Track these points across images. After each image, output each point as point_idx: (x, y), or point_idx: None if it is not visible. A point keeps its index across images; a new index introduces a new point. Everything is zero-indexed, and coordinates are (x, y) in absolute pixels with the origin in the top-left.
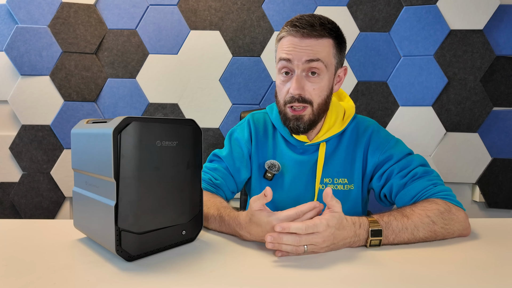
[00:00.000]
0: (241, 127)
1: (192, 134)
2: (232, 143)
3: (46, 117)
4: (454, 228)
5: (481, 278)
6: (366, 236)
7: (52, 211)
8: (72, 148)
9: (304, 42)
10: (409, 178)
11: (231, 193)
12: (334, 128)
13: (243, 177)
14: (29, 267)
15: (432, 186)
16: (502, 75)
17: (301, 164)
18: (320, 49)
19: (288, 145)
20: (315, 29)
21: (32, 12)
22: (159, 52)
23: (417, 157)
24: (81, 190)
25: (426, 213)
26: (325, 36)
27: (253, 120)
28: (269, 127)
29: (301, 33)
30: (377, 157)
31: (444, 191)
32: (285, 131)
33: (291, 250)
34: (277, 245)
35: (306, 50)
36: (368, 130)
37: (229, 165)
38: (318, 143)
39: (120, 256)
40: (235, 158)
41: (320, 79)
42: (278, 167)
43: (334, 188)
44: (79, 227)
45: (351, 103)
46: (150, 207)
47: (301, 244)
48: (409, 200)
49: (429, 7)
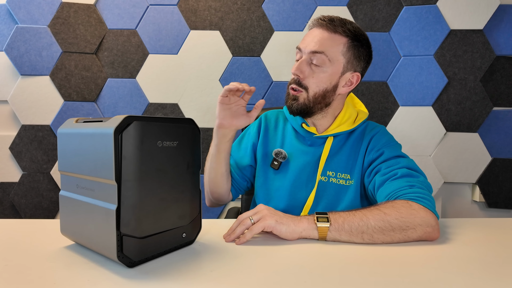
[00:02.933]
0: (253, 123)
1: (192, 134)
2: (243, 135)
3: (46, 117)
4: (414, 222)
5: (481, 278)
6: (312, 218)
7: (52, 211)
8: (59, 148)
9: (317, 32)
10: (389, 176)
11: (235, 189)
12: (344, 126)
13: (246, 163)
14: (29, 267)
15: (407, 187)
16: (502, 75)
17: (307, 154)
18: (329, 43)
19: (298, 136)
20: (332, 24)
21: (32, 12)
22: (159, 52)
23: (406, 160)
24: (70, 194)
25: (377, 206)
26: (339, 33)
27: (265, 116)
28: (281, 120)
29: (320, 24)
30: (372, 154)
31: (418, 193)
32: (296, 122)
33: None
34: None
35: (313, 42)
36: (374, 130)
37: (235, 155)
38: (326, 136)
39: (121, 262)
40: (241, 147)
41: (322, 70)
42: (285, 155)
43: (336, 182)
44: (68, 234)
45: (364, 110)
46: (152, 210)
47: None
48: (383, 198)
49: (429, 7)
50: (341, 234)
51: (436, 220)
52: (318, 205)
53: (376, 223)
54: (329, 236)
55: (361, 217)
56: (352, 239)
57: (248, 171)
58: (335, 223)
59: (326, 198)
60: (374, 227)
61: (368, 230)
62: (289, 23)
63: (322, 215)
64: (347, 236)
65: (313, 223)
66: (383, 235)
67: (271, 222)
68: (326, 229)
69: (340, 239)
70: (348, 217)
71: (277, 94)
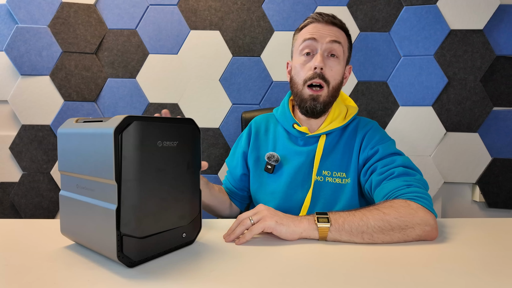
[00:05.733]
0: (244, 131)
1: (192, 134)
2: (236, 145)
3: (46, 117)
4: (413, 221)
5: (481, 278)
6: (312, 218)
7: (52, 211)
8: (59, 148)
9: (328, 27)
10: (385, 176)
11: (238, 201)
12: (335, 122)
13: (239, 173)
14: (29, 267)
15: (404, 187)
16: (502, 75)
17: (301, 155)
18: (340, 36)
19: (290, 137)
20: (336, 20)
21: (32, 12)
22: (159, 52)
23: (401, 158)
24: (70, 194)
25: (376, 206)
26: (343, 29)
27: (255, 122)
28: (271, 124)
29: (326, 19)
30: (366, 152)
31: (416, 193)
32: (287, 123)
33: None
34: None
35: (330, 33)
36: (367, 127)
37: (230, 167)
38: (319, 135)
39: (121, 262)
40: (234, 159)
41: (338, 62)
42: (277, 158)
43: (332, 181)
44: (68, 234)
45: (353, 104)
46: (152, 210)
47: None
48: (381, 198)
49: (429, 7)
50: (342, 234)
51: (434, 219)
52: (315, 206)
53: (376, 223)
54: (329, 236)
55: (361, 217)
56: (352, 239)
57: (244, 180)
58: (335, 224)
59: (323, 198)
60: (374, 227)
61: (368, 230)
62: (289, 23)
63: (322, 215)
64: (347, 236)
65: (313, 223)
66: (383, 234)
67: (271, 223)
68: (326, 229)
69: (341, 239)
70: (348, 217)
71: (277, 94)
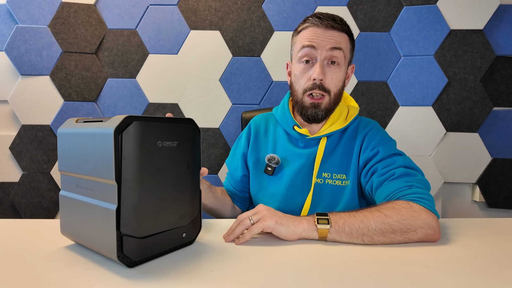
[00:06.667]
0: (243, 131)
1: (192, 134)
2: (235, 146)
3: (46, 117)
4: (415, 224)
5: (481, 278)
6: (312, 219)
7: (52, 211)
8: (59, 148)
9: (328, 33)
10: (387, 177)
11: (240, 203)
12: (336, 124)
13: (239, 174)
14: (29, 267)
15: (406, 188)
16: (502, 75)
17: (301, 157)
18: (341, 40)
19: (290, 139)
20: (337, 23)
21: (32, 12)
22: (159, 52)
23: (402, 159)
24: (70, 194)
25: (378, 207)
26: (344, 31)
27: (254, 122)
28: (271, 124)
29: (325, 24)
30: (367, 153)
31: (417, 194)
32: (287, 125)
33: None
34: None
35: (330, 39)
36: (367, 127)
37: (230, 169)
38: (320, 137)
39: (121, 262)
40: (234, 160)
41: (339, 69)
42: (278, 160)
43: (332, 183)
44: (68, 234)
45: (355, 104)
46: (152, 210)
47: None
48: (382, 200)
49: (429, 7)
50: (341, 236)
51: (437, 222)
52: (316, 208)
53: (377, 225)
54: (329, 237)
55: (361, 219)
56: (352, 240)
57: (245, 181)
58: (335, 225)
59: (324, 200)
60: (375, 229)
61: (368, 232)
62: (289, 23)
63: (322, 216)
64: (347, 238)
65: (313, 224)
66: (384, 237)
67: (270, 223)
68: (326, 231)
69: (340, 240)
70: (348, 218)
71: (277, 94)
